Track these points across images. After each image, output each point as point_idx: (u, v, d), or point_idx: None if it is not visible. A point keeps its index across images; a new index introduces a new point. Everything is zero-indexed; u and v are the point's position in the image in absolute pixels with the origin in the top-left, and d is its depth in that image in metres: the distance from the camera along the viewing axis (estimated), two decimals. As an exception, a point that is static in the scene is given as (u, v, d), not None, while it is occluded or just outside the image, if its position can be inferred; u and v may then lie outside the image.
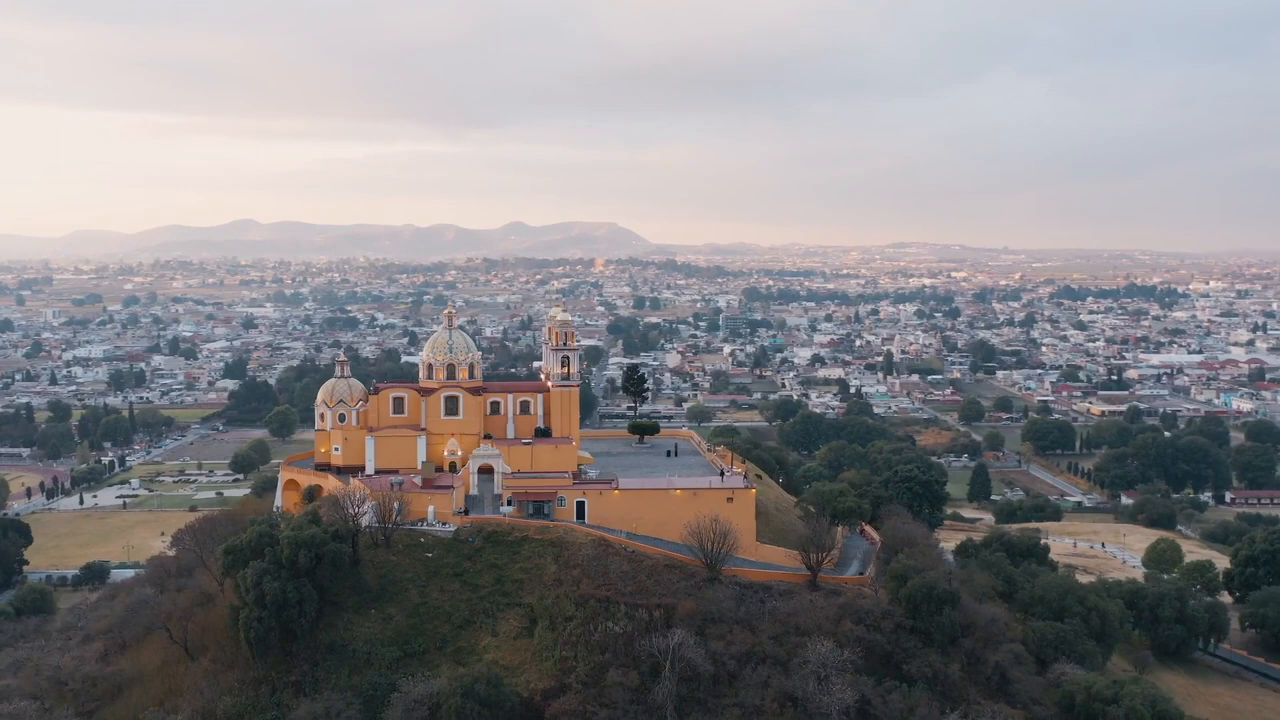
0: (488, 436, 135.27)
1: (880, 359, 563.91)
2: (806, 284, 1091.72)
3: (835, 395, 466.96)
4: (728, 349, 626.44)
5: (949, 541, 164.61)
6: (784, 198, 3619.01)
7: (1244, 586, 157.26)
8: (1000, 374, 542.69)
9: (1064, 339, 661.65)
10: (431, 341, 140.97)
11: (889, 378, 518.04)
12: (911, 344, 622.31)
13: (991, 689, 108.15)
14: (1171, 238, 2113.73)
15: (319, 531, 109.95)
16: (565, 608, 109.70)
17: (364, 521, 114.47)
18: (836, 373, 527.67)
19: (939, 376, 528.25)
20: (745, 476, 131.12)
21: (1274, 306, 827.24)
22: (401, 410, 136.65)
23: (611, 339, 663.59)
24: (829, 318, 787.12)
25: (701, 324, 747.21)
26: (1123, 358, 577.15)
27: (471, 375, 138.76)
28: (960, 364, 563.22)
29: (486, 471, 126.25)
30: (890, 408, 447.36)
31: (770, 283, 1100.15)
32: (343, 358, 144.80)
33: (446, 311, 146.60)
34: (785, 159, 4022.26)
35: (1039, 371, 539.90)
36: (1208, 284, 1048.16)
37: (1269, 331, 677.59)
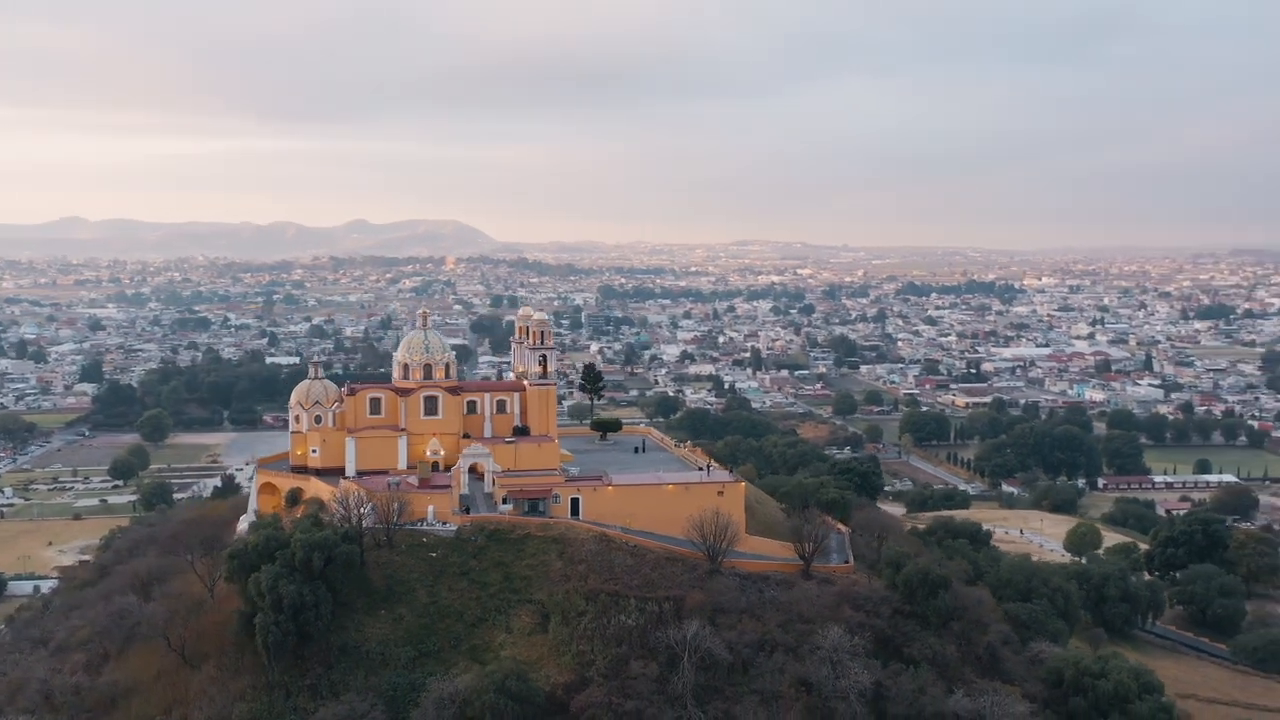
0: (466, 435, 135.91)
1: (747, 355, 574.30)
2: (659, 282, 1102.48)
3: (710, 391, 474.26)
4: (594, 346, 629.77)
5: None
6: (631, 196, 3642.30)
7: (1164, 566, 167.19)
8: (864, 369, 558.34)
9: (917, 334, 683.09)
10: (407, 342, 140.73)
11: (759, 373, 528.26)
12: (776, 340, 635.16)
13: (984, 668, 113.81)
14: (1002, 235, 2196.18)
15: (330, 533, 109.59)
16: (576, 603, 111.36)
17: (365, 523, 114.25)
18: (707, 369, 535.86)
19: (806, 372, 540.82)
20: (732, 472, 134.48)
21: (1106, 301, 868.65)
22: (378, 411, 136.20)
23: (477, 338, 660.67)
24: (688, 315, 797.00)
25: (564, 322, 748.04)
26: (976, 351, 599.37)
27: (447, 375, 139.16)
28: (824, 359, 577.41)
29: (474, 471, 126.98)
30: (765, 403, 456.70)
31: (623, 280, 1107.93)
32: (315, 360, 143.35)
33: (420, 312, 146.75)
34: (635, 158, 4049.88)
35: (900, 365, 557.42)
36: (1040, 280, 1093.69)
37: (1107, 325, 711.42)
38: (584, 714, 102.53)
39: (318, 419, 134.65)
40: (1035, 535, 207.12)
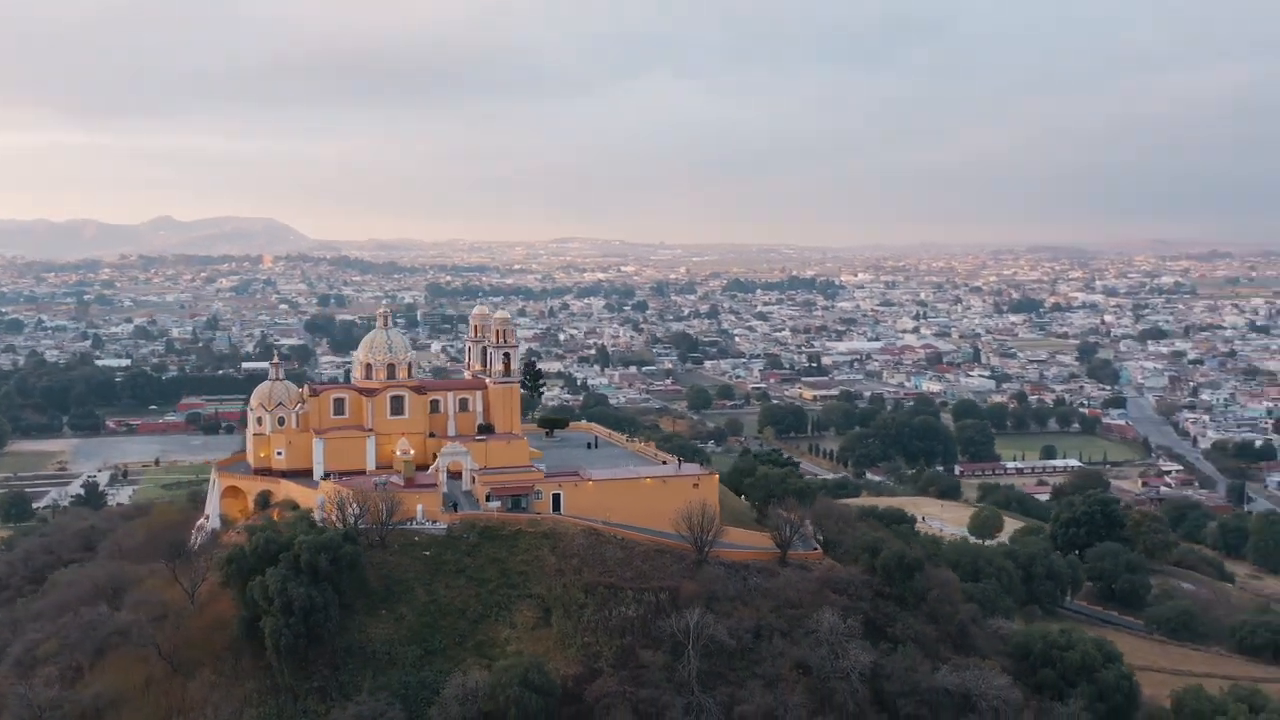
0: (432, 435, 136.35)
1: (593, 352, 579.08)
2: (486, 280, 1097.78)
3: (563, 388, 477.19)
4: (436, 345, 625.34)
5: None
6: (445, 194, 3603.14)
7: (1068, 546, 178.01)
8: (708, 364, 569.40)
9: (751, 329, 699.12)
10: (369, 341, 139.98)
11: (607, 370, 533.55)
12: (618, 337, 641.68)
13: (957, 644, 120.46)
14: (815, 233, 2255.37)
15: (334, 534, 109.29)
16: (575, 596, 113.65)
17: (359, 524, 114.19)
18: (555, 366, 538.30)
19: (652, 368, 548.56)
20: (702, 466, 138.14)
21: (922, 296, 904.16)
22: (342, 411, 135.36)
23: (314, 338, 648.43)
24: (523, 313, 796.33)
25: (400, 321, 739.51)
26: (812, 346, 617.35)
27: (410, 374, 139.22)
28: (667, 355, 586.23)
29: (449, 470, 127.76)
30: (621, 399, 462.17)
31: (448, 279, 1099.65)
32: (276, 360, 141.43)
33: (380, 311, 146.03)
34: (454, 155, 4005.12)
35: (743, 360, 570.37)
36: (857, 276, 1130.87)
37: (929, 319, 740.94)
38: (599, 703, 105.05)
39: (281, 421, 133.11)
40: (935, 520, 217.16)
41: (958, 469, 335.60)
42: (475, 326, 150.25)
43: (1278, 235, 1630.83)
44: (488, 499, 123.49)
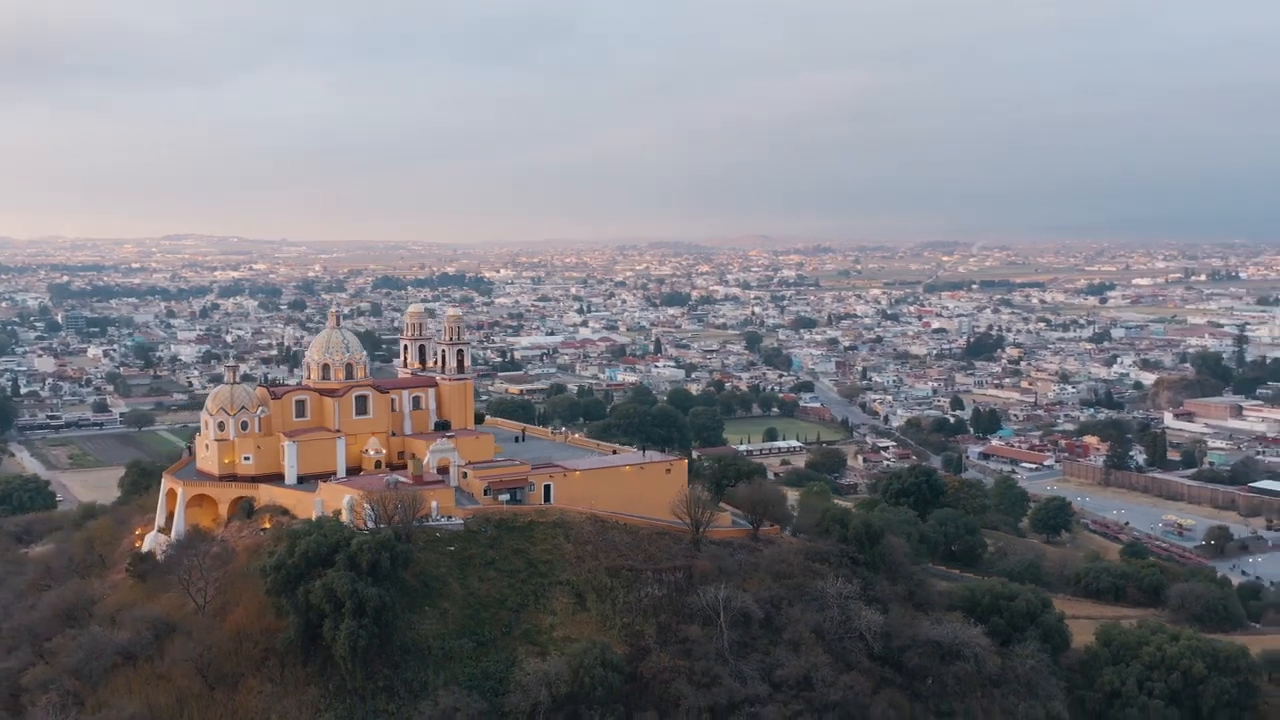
0: (393, 434, 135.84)
1: (274, 353, 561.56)
2: (110, 279, 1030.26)
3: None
4: (91, 350, 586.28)
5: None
6: (41, 186, 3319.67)
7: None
8: (395, 362, 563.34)
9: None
10: (324, 342, 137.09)
11: (296, 370, 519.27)
12: (299, 338, 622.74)
13: (917, 602, 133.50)
14: (445, 229, 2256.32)
15: (389, 534, 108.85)
16: (603, 580, 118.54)
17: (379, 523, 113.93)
18: (242, 368, 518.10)
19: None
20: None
21: (573, 291, 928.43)
22: (304, 413, 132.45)
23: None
24: (172, 313, 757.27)
25: (38, 325, 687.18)
26: (492, 341, 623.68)
27: (366, 374, 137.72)
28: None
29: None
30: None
31: (64, 277, 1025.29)
32: (232, 363, 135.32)
33: (332, 311, 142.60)
34: (54, 144, 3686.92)
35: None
36: (499, 271, 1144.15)
37: (594, 313, 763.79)
38: (656, 678, 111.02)
39: (244, 425, 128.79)
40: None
41: (694, 454, 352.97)
42: (411, 324, 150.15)
43: (872, 232, 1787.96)
44: (486, 492, 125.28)
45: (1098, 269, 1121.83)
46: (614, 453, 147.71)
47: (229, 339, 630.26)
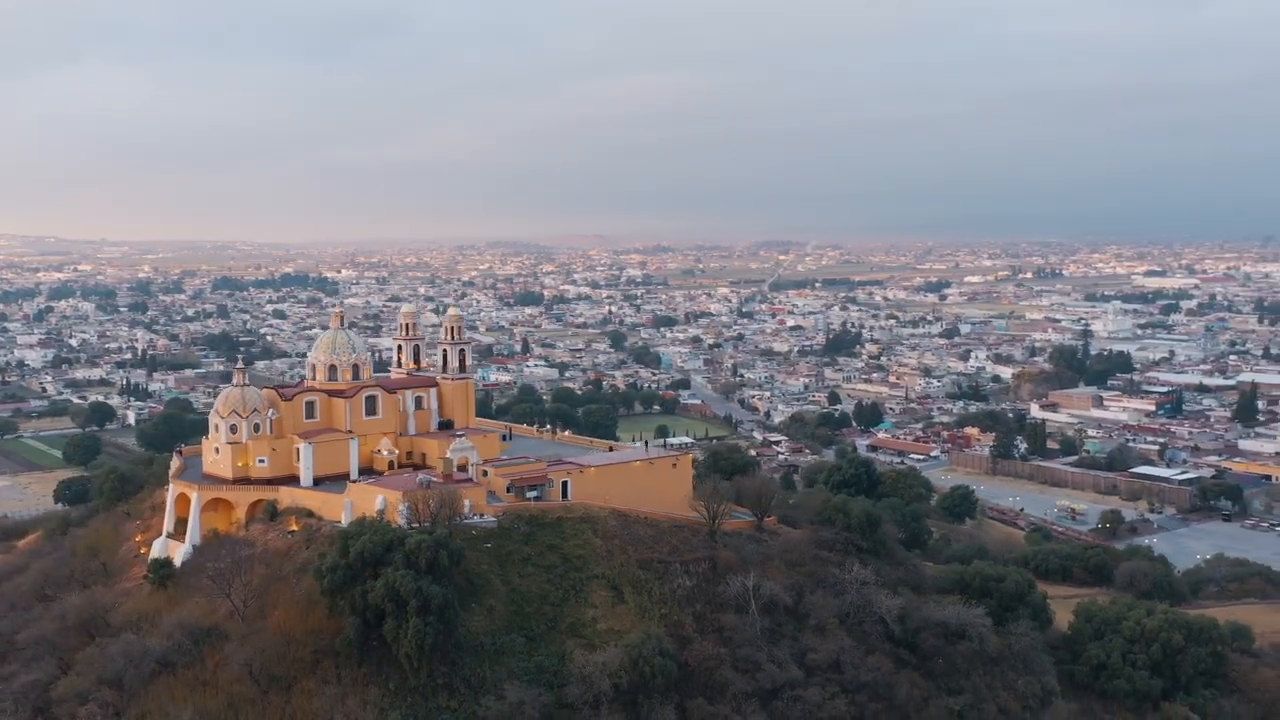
0: (399, 434, 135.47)
1: (129, 358, 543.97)
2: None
3: (125, 395, 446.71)
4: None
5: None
6: None
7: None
8: (260, 364, 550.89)
9: (277, 329, 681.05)
10: (330, 342, 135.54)
11: (156, 374, 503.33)
12: (152, 340, 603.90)
13: (912, 585, 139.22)
14: (268, 229, 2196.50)
15: (443, 533, 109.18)
16: (636, 573, 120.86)
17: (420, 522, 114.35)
18: (96, 373, 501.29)
19: (202, 370, 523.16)
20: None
21: (421, 291, 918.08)
22: (314, 415, 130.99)
23: None
24: (5, 316, 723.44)
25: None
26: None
27: (372, 374, 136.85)
28: (211, 359, 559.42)
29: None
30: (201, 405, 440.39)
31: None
32: (241, 366, 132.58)
33: (336, 312, 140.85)
34: None
35: (296, 359, 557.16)
36: (341, 272, 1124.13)
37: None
38: (701, 665, 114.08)
39: (256, 427, 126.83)
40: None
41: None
42: (404, 325, 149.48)
43: (708, 231, 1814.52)
44: (508, 489, 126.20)
45: (929, 267, 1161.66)
46: (610, 449, 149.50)
47: (74, 342, 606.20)
